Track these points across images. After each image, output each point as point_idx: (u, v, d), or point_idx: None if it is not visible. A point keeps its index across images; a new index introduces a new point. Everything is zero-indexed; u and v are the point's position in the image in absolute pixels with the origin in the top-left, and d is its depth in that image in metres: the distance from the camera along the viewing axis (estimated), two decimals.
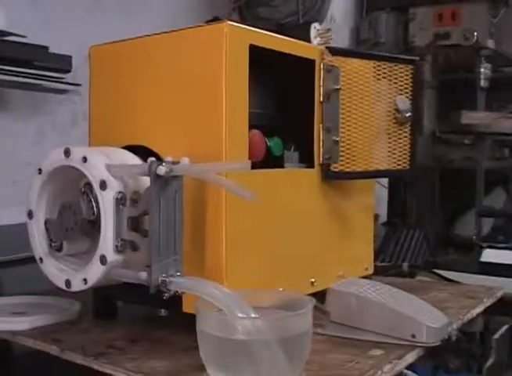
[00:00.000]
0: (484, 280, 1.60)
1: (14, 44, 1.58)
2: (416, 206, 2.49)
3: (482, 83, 2.39)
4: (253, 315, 0.80)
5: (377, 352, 0.94)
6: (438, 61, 2.51)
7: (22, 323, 1.05)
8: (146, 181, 0.90)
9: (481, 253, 1.82)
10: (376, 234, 2.14)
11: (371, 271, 1.32)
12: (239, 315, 0.78)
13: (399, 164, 1.22)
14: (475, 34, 2.32)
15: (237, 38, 0.96)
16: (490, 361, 1.69)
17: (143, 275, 0.88)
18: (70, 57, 1.77)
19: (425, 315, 0.99)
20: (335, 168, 1.14)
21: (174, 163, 0.88)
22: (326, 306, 1.02)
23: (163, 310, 1.03)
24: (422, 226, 2.30)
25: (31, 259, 1.04)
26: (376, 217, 2.21)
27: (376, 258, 1.84)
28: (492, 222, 2.92)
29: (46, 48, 1.71)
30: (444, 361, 1.98)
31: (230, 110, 0.95)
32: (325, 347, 0.97)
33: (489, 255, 1.80)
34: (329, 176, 1.14)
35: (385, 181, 2.81)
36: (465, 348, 1.94)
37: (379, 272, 1.68)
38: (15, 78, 1.70)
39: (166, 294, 0.87)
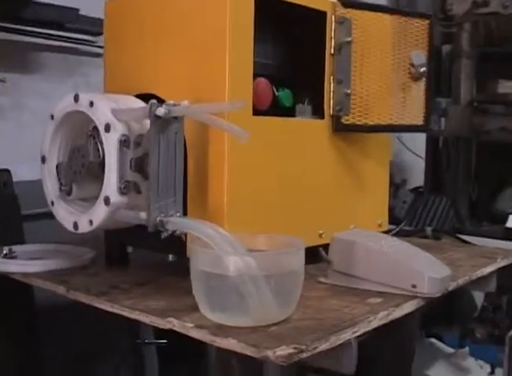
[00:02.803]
0: (507, 244, 1.57)
1: (42, 5, 1.59)
2: (451, 176, 2.44)
3: None
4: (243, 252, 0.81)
5: (377, 300, 0.93)
6: (478, 31, 2.44)
7: (34, 266, 1.09)
8: None
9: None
10: (405, 200, 2.13)
11: (385, 227, 1.30)
12: (230, 251, 0.80)
13: (413, 120, 1.20)
14: None
15: None
16: None
17: (143, 215, 0.90)
18: (101, 20, 1.79)
19: (427, 266, 0.97)
20: (346, 120, 1.13)
21: (174, 105, 0.89)
22: (330, 255, 1.01)
23: (170, 256, 1.04)
24: (450, 194, 2.26)
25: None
26: (404, 182, 2.18)
27: (401, 223, 1.83)
28: None
29: (77, 10, 1.73)
30: (471, 331, 1.97)
31: (233, 58, 0.95)
32: (326, 294, 0.97)
33: None
34: (340, 128, 1.13)
35: (422, 152, 2.76)
36: (490, 317, 1.92)
37: (403, 236, 1.67)
38: (46, 41, 1.73)
39: (164, 234, 0.89)
